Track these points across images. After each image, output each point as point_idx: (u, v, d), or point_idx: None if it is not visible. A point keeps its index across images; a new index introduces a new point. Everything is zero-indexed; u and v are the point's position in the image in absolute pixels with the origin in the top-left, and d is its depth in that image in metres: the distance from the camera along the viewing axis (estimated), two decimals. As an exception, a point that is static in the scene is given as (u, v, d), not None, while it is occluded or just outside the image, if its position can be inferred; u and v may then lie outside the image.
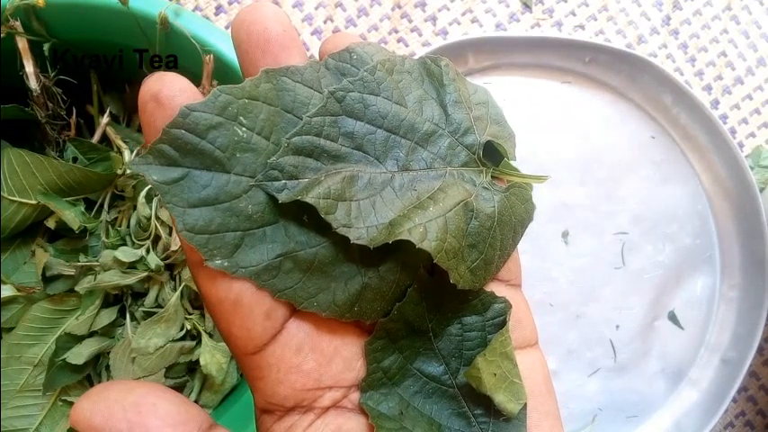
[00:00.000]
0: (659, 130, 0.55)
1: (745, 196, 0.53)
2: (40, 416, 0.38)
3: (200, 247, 0.19)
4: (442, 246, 0.20)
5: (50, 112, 0.41)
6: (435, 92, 0.23)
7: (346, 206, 0.20)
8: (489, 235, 0.22)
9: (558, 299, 0.53)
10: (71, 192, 0.39)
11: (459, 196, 0.22)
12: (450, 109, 0.23)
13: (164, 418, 0.18)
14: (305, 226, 0.20)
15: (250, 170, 0.19)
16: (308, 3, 0.55)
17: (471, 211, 0.22)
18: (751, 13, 0.58)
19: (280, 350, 0.20)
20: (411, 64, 0.22)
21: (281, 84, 0.20)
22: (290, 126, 0.20)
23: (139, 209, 0.40)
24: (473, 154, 0.23)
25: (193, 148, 0.19)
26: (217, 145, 0.19)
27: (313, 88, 0.20)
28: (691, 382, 0.54)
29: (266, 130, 0.20)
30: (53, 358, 0.38)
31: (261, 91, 0.20)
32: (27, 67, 0.39)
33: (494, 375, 0.22)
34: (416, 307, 0.22)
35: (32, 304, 0.39)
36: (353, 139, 0.21)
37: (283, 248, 0.20)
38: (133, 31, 0.38)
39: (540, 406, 0.23)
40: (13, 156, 0.38)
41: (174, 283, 0.41)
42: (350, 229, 0.19)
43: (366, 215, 0.20)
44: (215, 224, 0.19)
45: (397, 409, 0.22)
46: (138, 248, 0.40)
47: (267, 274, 0.19)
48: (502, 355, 0.22)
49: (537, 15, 0.56)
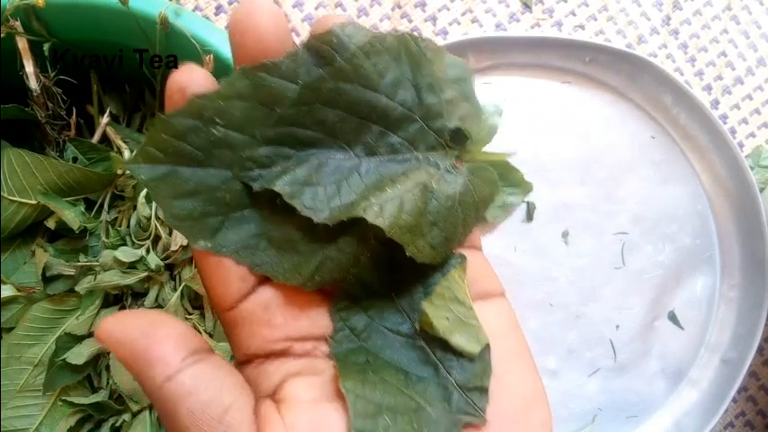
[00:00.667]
0: (659, 130, 0.55)
1: (746, 196, 0.53)
2: (41, 416, 0.38)
3: (186, 232, 0.22)
4: (395, 222, 0.22)
5: (50, 112, 0.41)
6: (411, 73, 0.23)
7: (313, 191, 0.22)
8: (450, 214, 0.24)
9: (557, 299, 0.53)
10: (71, 192, 0.39)
11: (419, 179, 0.23)
12: (423, 92, 0.24)
13: (171, 331, 0.21)
14: (277, 208, 0.22)
15: (227, 163, 0.22)
16: (308, 3, 0.55)
17: (430, 192, 0.23)
18: (751, 13, 0.58)
19: (251, 307, 0.22)
20: (391, 41, 0.23)
21: (257, 80, 0.21)
22: (265, 118, 0.21)
23: (139, 209, 0.40)
24: (440, 138, 0.24)
25: (174, 149, 0.21)
26: (195, 146, 0.21)
27: (289, 80, 0.21)
28: (691, 382, 0.54)
29: (241, 125, 0.21)
30: (53, 358, 0.38)
31: (237, 89, 0.21)
32: (27, 67, 0.39)
33: (446, 319, 0.23)
34: (371, 272, 0.24)
35: (32, 304, 0.39)
36: (325, 126, 0.22)
37: (259, 229, 0.22)
38: (133, 31, 0.38)
39: (506, 346, 0.24)
40: (13, 156, 0.38)
41: (174, 283, 0.41)
42: (314, 212, 0.21)
43: (330, 198, 0.22)
44: (197, 212, 0.22)
45: (364, 359, 0.23)
46: (138, 248, 0.40)
47: (245, 251, 0.22)
48: (452, 299, 0.24)
49: (537, 15, 0.56)
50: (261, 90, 0.21)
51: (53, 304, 0.40)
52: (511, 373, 0.24)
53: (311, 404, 0.21)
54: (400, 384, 0.22)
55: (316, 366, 0.23)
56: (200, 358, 0.21)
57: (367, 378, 0.22)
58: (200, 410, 0.20)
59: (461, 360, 0.23)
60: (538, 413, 0.24)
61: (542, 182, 0.53)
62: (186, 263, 0.40)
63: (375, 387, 0.21)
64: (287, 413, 0.20)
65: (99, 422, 0.40)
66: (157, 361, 0.20)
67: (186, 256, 0.40)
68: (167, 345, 0.20)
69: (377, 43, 0.22)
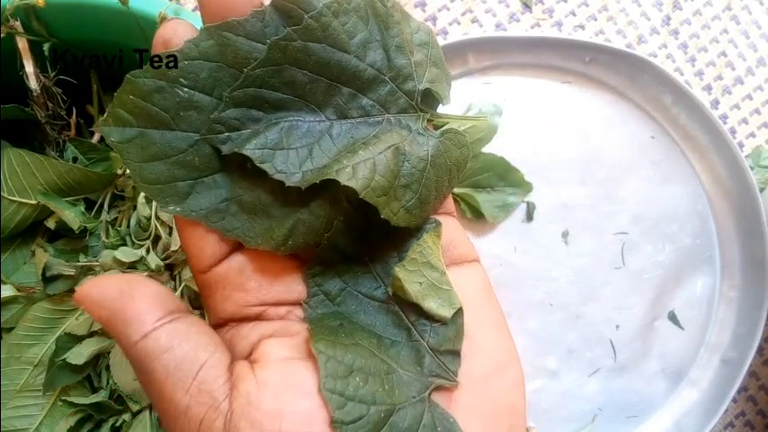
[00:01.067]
0: (659, 129, 0.55)
1: (746, 196, 0.53)
2: (41, 416, 0.38)
3: (155, 196, 0.21)
4: (368, 183, 0.22)
5: (50, 112, 0.41)
6: (380, 33, 0.23)
7: (284, 154, 0.21)
8: (423, 176, 0.24)
9: (558, 299, 0.53)
10: (71, 192, 0.39)
11: (391, 141, 0.23)
12: (392, 53, 0.23)
13: (147, 291, 0.21)
14: (248, 172, 0.22)
15: (195, 126, 0.21)
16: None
17: (403, 154, 0.23)
18: (751, 13, 0.58)
19: (225, 271, 0.23)
20: (358, 1, 0.23)
21: (222, 39, 0.21)
22: (233, 80, 0.21)
23: (139, 209, 0.40)
24: (411, 100, 0.24)
25: (141, 110, 0.21)
26: (160, 107, 0.21)
27: (256, 40, 0.21)
28: (691, 382, 0.54)
29: (208, 87, 0.21)
30: (53, 358, 0.38)
31: (202, 49, 0.21)
32: (27, 67, 0.39)
33: (419, 284, 0.23)
34: (344, 236, 0.24)
35: (32, 304, 0.39)
36: (295, 88, 0.22)
37: (229, 193, 0.22)
38: (133, 30, 0.38)
39: (479, 310, 0.25)
40: (13, 156, 0.38)
41: (175, 283, 0.41)
42: (286, 175, 0.21)
43: (302, 161, 0.22)
44: (165, 176, 0.21)
45: (338, 323, 0.23)
46: (138, 248, 0.40)
47: (216, 215, 0.22)
48: (424, 264, 0.24)
49: (537, 15, 0.56)
50: (227, 50, 0.21)
51: (53, 304, 0.40)
52: (483, 337, 0.24)
53: (284, 362, 0.21)
54: (373, 347, 0.23)
55: (290, 328, 0.23)
56: (176, 317, 0.21)
57: (339, 340, 0.22)
58: (175, 366, 0.20)
59: (434, 324, 0.24)
60: (510, 374, 0.24)
61: (542, 182, 0.53)
62: (186, 263, 0.40)
63: (347, 349, 0.22)
64: (260, 371, 0.21)
65: (99, 422, 0.40)
66: (133, 319, 0.20)
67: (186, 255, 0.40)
68: (143, 304, 0.21)
69: (344, 2, 0.22)
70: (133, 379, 0.39)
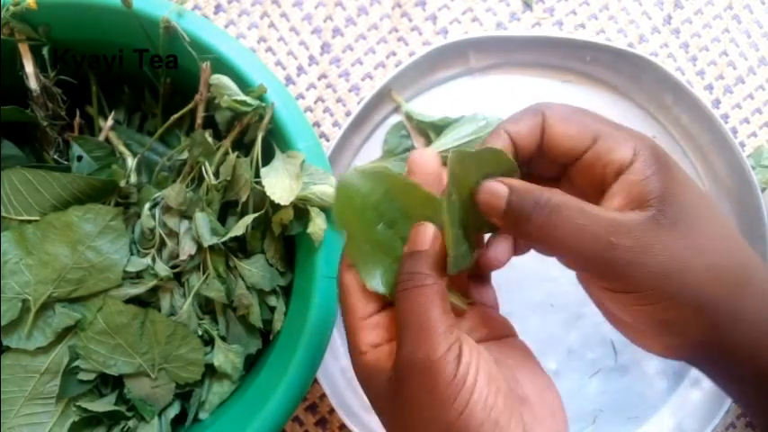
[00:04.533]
0: (660, 129, 0.55)
1: (747, 196, 0.53)
2: (50, 423, 0.38)
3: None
4: None
5: (50, 112, 0.41)
6: None
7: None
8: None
9: (558, 299, 0.53)
10: (77, 202, 0.39)
11: None
12: None
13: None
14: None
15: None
16: (308, 2, 0.55)
17: None
18: (752, 13, 0.57)
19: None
20: None
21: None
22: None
23: (144, 221, 0.39)
24: None
25: None
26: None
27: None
28: (692, 382, 0.53)
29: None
30: (66, 368, 0.38)
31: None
32: (27, 67, 0.39)
33: None
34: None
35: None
36: None
37: None
38: (133, 31, 0.38)
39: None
40: (15, 176, 0.37)
41: (184, 290, 0.40)
42: None
43: None
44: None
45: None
46: (143, 257, 0.39)
47: None
48: None
49: (537, 14, 0.56)
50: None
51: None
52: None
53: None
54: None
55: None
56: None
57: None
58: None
59: None
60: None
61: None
62: (194, 270, 0.40)
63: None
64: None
65: (110, 427, 0.40)
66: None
67: (194, 263, 0.40)
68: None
69: None
70: (151, 387, 0.39)
